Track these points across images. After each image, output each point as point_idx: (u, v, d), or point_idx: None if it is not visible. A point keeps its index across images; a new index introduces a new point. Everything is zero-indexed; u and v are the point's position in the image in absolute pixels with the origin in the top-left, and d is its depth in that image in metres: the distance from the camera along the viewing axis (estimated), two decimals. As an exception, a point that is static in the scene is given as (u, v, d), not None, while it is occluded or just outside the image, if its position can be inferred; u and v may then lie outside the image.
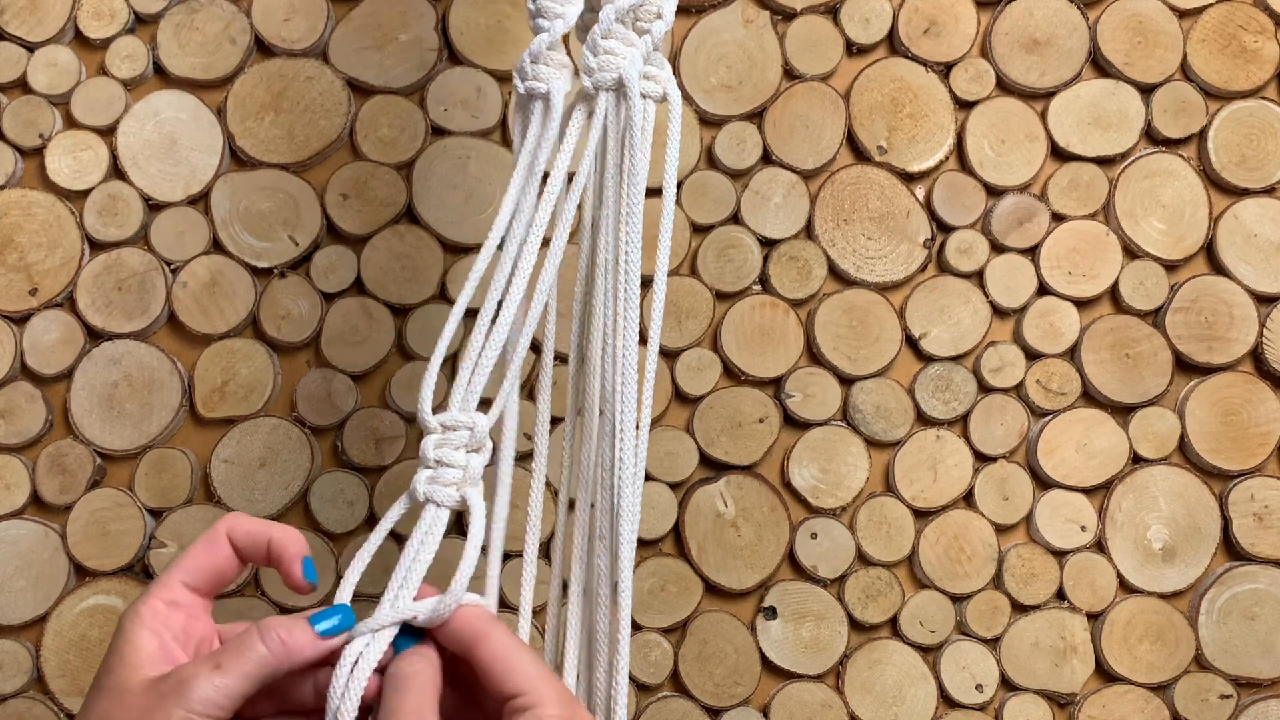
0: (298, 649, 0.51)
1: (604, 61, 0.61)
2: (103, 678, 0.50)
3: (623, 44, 0.62)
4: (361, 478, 0.93)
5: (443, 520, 0.56)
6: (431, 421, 0.57)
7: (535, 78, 0.62)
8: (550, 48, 0.62)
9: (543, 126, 0.62)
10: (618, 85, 0.62)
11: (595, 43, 0.61)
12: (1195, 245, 0.94)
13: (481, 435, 0.56)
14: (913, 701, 0.94)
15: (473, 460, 0.56)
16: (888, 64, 0.93)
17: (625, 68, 0.61)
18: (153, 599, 0.52)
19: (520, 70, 0.63)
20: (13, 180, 0.92)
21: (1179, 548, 0.94)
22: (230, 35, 0.93)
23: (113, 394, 0.92)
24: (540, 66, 0.62)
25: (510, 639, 0.52)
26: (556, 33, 0.62)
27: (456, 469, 0.55)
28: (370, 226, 0.92)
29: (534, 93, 0.62)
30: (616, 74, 0.61)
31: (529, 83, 0.62)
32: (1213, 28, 0.93)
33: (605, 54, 0.61)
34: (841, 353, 0.93)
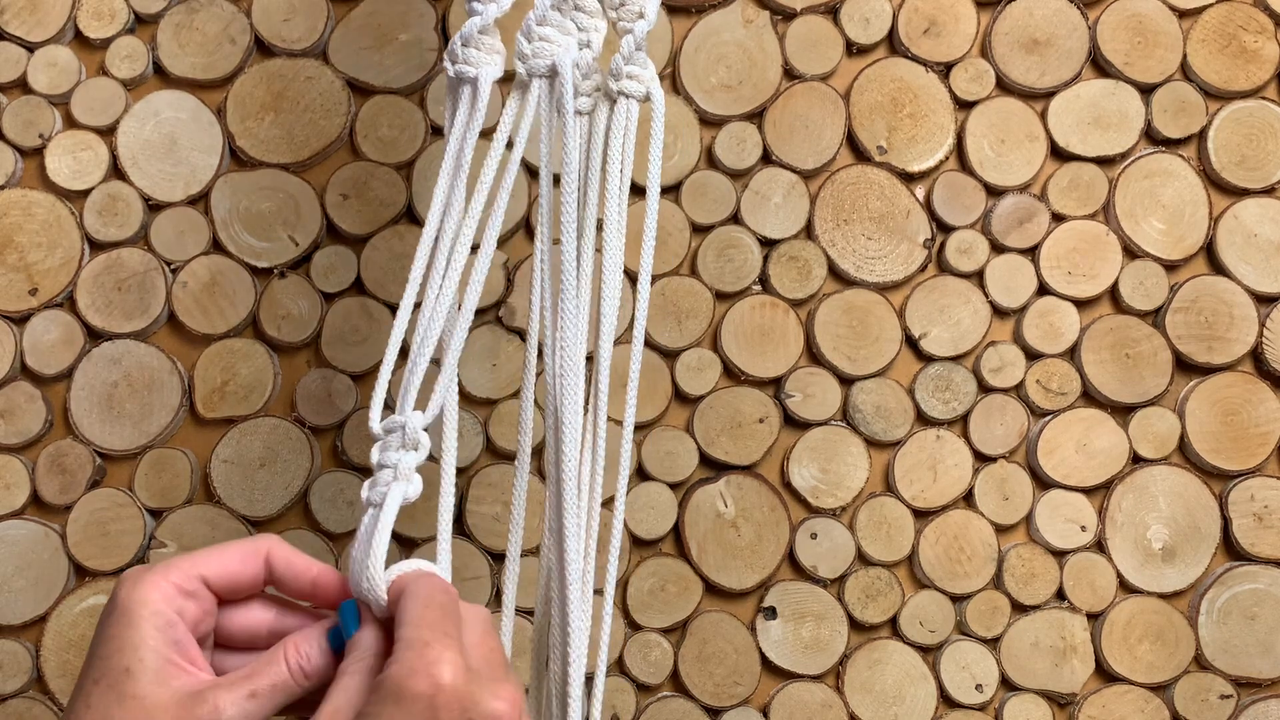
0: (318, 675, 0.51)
1: (538, 48, 0.61)
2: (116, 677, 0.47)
3: (558, 31, 0.61)
4: (361, 478, 0.93)
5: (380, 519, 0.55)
6: (377, 427, 0.57)
7: (465, 61, 0.62)
8: (482, 32, 0.62)
9: (470, 111, 0.62)
10: (551, 73, 0.61)
11: (529, 29, 0.61)
12: (1195, 245, 0.94)
13: (414, 432, 0.56)
14: (913, 701, 0.94)
15: (405, 457, 0.56)
16: (888, 64, 0.93)
17: (559, 55, 0.61)
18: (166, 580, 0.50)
19: (450, 53, 0.62)
20: (13, 180, 0.92)
21: (1179, 548, 0.94)
22: (230, 35, 0.93)
23: (113, 394, 0.92)
24: (471, 50, 0.62)
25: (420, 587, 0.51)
26: (489, 17, 0.61)
27: (389, 469, 0.56)
28: (370, 226, 0.92)
29: (463, 76, 0.62)
30: (550, 61, 0.61)
31: (458, 66, 0.62)
32: (1213, 28, 0.93)
33: (540, 40, 0.61)
34: (841, 353, 0.93)
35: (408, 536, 0.93)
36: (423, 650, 0.47)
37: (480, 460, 0.93)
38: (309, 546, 0.93)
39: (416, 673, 0.46)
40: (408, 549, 0.93)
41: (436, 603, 0.50)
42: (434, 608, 0.50)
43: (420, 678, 0.46)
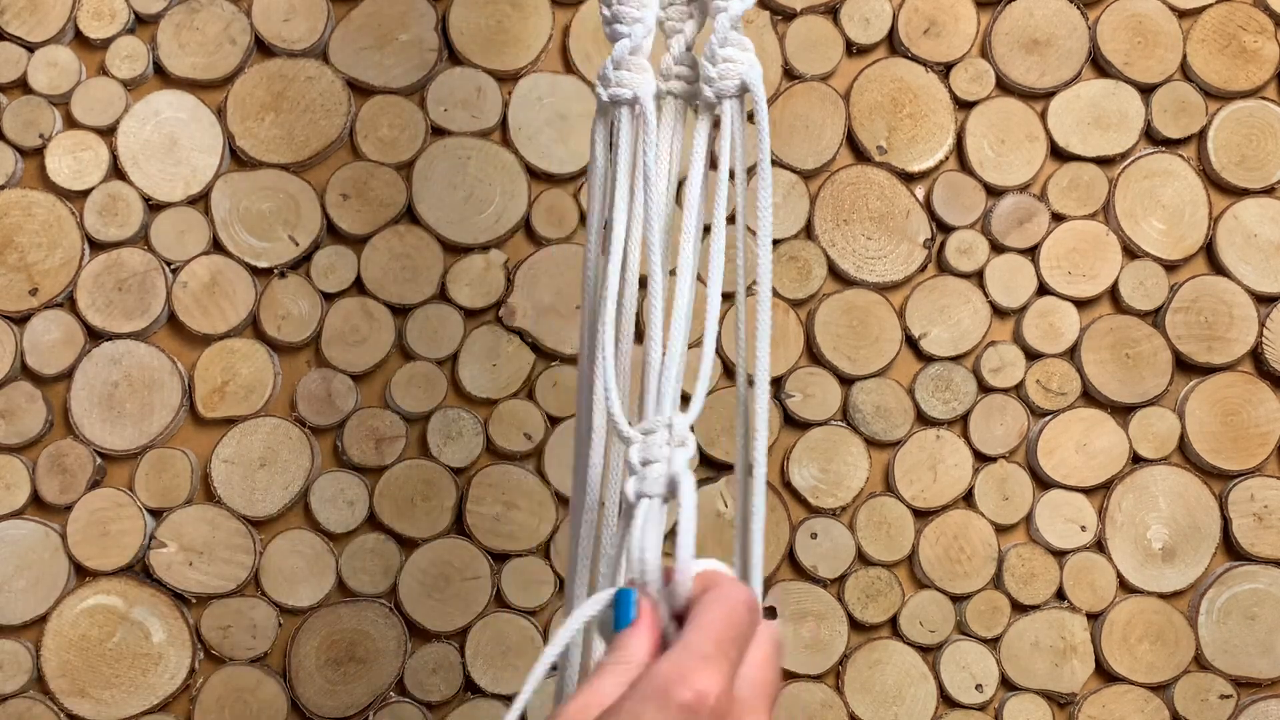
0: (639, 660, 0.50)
1: (724, 70, 0.62)
2: None
3: (739, 50, 0.62)
4: (361, 478, 0.93)
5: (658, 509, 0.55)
6: (631, 431, 0.57)
7: (619, 84, 0.62)
8: (633, 52, 0.62)
9: (635, 130, 0.62)
10: (740, 91, 0.62)
11: (714, 51, 0.62)
12: (1195, 245, 0.94)
13: (681, 432, 0.57)
14: (913, 701, 0.94)
15: (676, 453, 0.56)
16: (888, 64, 0.93)
17: (746, 73, 0.61)
18: None
19: (603, 78, 0.62)
20: (13, 180, 0.92)
21: (1179, 548, 0.94)
22: (230, 35, 0.93)
23: (113, 394, 0.92)
24: (624, 73, 0.62)
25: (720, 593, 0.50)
26: (638, 37, 0.62)
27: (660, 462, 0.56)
28: (370, 226, 0.92)
29: (618, 99, 0.62)
30: (739, 80, 0.62)
31: (613, 89, 0.62)
32: (1213, 28, 0.93)
33: (724, 62, 0.62)
34: (841, 353, 0.93)
35: (408, 537, 0.93)
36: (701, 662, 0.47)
37: (480, 460, 0.93)
38: (309, 546, 0.93)
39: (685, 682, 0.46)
40: (408, 549, 0.93)
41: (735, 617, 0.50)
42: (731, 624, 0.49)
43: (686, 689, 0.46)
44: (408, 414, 0.93)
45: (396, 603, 0.93)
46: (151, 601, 0.92)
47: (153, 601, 0.92)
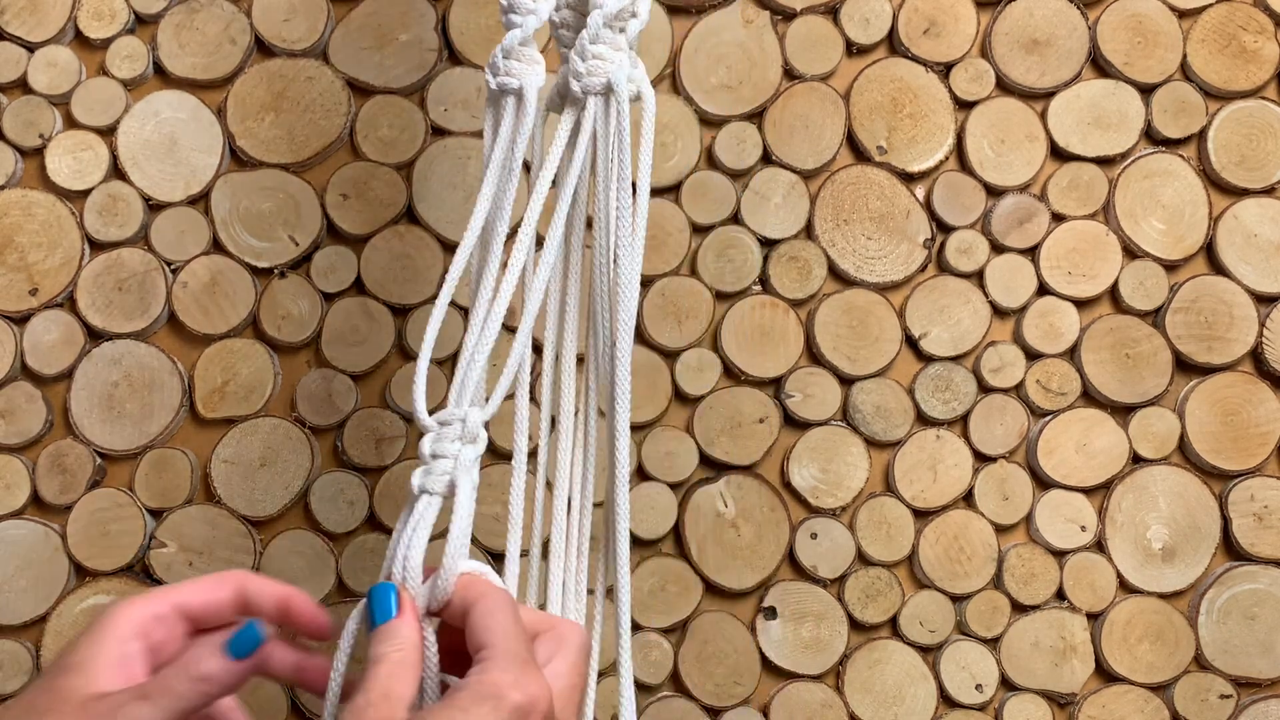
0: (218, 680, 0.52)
1: (593, 66, 0.62)
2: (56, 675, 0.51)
3: (611, 49, 0.62)
4: (361, 478, 0.93)
5: (434, 508, 0.56)
6: (428, 420, 0.57)
7: (507, 73, 0.63)
8: (523, 43, 0.62)
9: (516, 121, 0.62)
10: (606, 90, 0.62)
11: (584, 47, 0.62)
12: (1195, 245, 0.94)
13: (474, 426, 0.57)
14: (913, 701, 0.94)
15: (465, 450, 0.56)
16: (888, 64, 0.93)
17: (613, 72, 0.62)
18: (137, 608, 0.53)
19: (492, 66, 0.63)
20: (13, 180, 0.92)
21: (1179, 548, 0.94)
22: (230, 35, 0.93)
23: (113, 394, 0.92)
24: (513, 62, 0.63)
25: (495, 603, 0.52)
26: (529, 28, 0.62)
27: (448, 459, 0.56)
28: (370, 226, 0.92)
29: (506, 88, 0.63)
30: (605, 79, 0.62)
31: (501, 78, 0.63)
32: (1213, 28, 0.93)
33: (594, 59, 0.62)
34: (841, 353, 0.93)
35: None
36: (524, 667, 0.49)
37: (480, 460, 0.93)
38: (309, 546, 0.93)
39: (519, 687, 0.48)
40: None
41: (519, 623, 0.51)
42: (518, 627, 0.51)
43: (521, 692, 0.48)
44: (408, 414, 0.93)
45: (396, 603, 0.93)
46: (151, 601, 0.92)
47: (153, 601, 0.92)
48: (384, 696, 0.48)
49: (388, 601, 0.52)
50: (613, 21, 0.62)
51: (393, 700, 0.48)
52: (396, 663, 0.50)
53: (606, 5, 0.61)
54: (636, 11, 0.63)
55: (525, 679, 0.48)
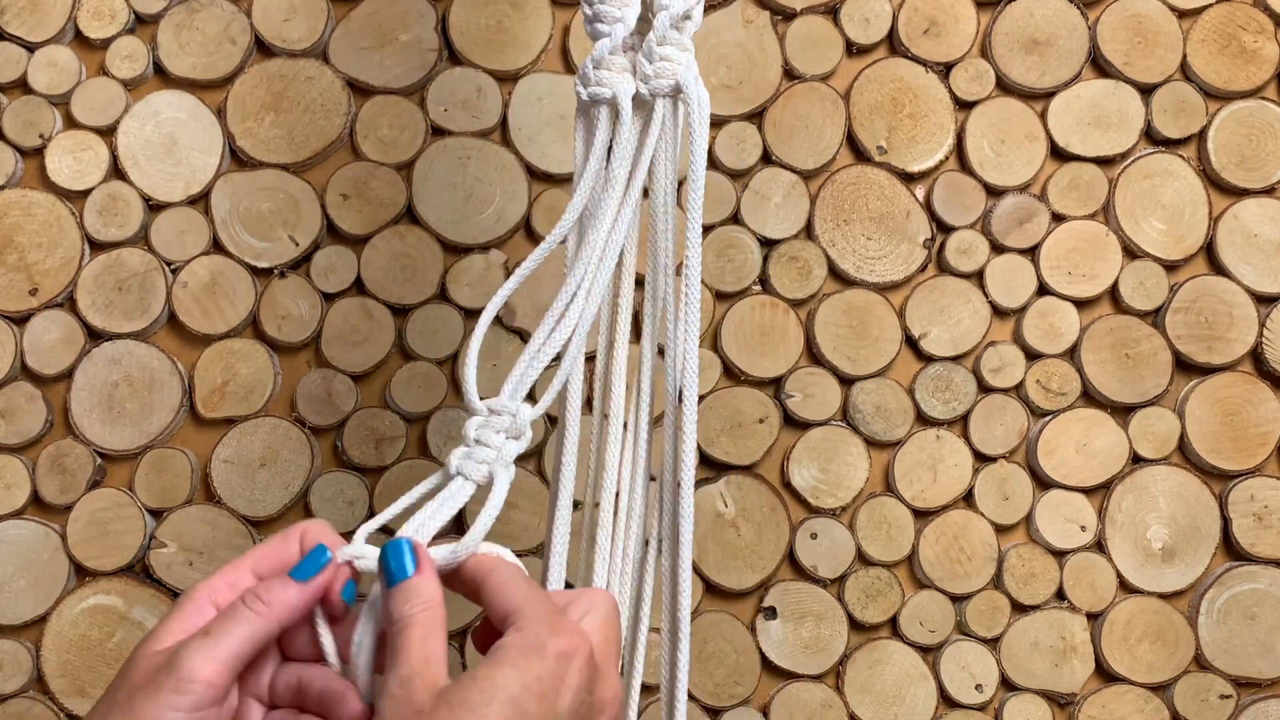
0: (281, 603, 0.51)
1: (660, 68, 0.62)
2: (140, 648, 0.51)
3: (677, 49, 0.62)
4: (361, 478, 0.93)
5: (466, 493, 0.56)
6: (479, 405, 0.57)
7: (599, 83, 0.62)
8: (612, 52, 0.62)
9: (612, 130, 0.62)
10: (675, 91, 0.62)
11: (651, 49, 0.62)
12: (1195, 245, 0.94)
13: (523, 423, 0.57)
14: (913, 701, 0.94)
15: (508, 444, 0.57)
16: (888, 64, 0.93)
17: (682, 74, 0.62)
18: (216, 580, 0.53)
19: (583, 76, 0.63)
20: (13, 180, 0.92)
21: (1179, 548, 0.94)
22: (230, 35, 0.93)
23: (113, 394, 0.92)
24: (604, 72, 0.62)
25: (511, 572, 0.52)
26: (618, 36, 0.62)
27: (491, 449, 0.56)
28: (370, 226, 0.92)
29: (598, 98, 0.62)
30: (673, 80, 0.62)
31: (593, 89, 0.62)
32: (1213, 28, 0.93)
33: (661, 60, 0.62)
34: (841, 353, 0.93)
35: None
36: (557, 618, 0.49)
37: (480, 460, 0.93)
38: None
39: (556, 634, 0.48)
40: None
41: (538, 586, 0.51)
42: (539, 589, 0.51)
43: (563, 638, 0.48)
44: (408, 414, 0.93)
45: (396, 603, 0.93)
46: (151, 601, 0.92)
47: (153, 601, 0.92)
48: (425, 662, 0.48)
49: (403, 558, 0.52)
50: (678, 23, 0.62)
51: (433, 664, 0.48)
52: (425, 623, 0.49)
53: (673, 6, 0.61)
54: (691, 14, 0.63)
55: (562, 628, 0.48)
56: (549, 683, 0.47)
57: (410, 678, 0.47)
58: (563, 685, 0.47)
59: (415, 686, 0.47)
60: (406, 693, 0.47)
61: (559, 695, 0.47)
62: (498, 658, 0.47)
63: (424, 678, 0.47)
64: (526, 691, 0.46)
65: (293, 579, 0.52)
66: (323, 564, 0.53)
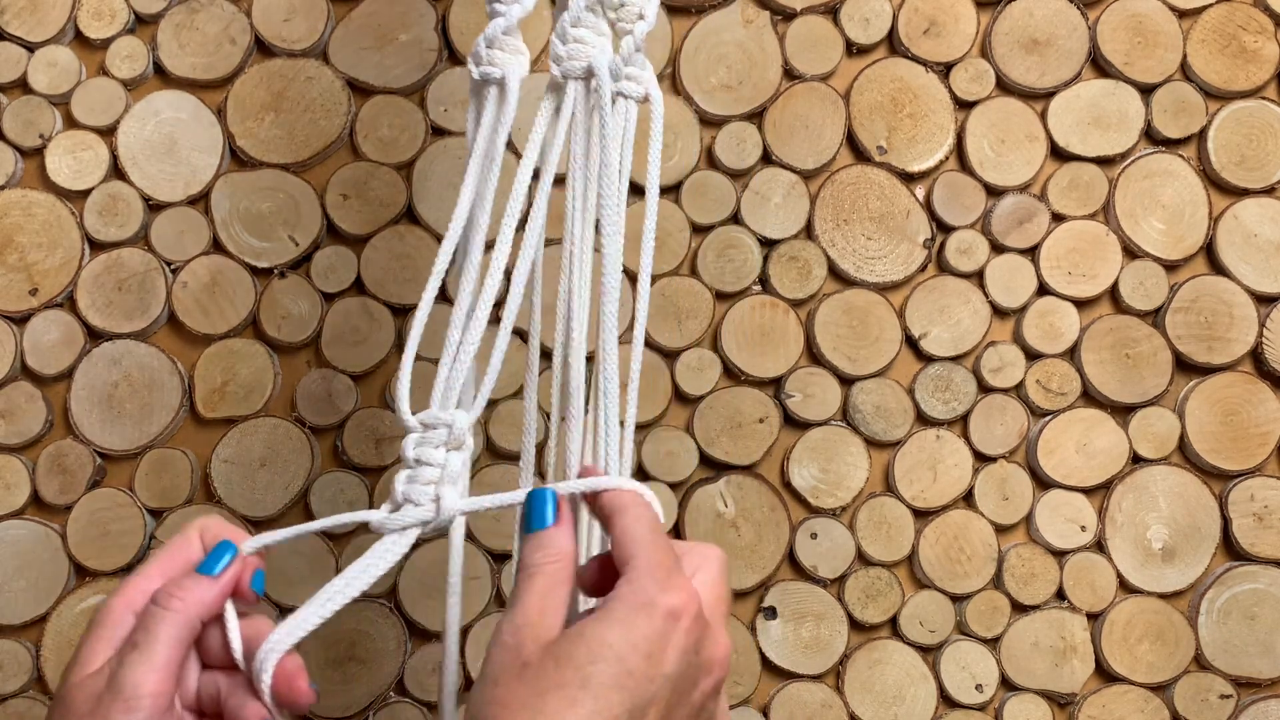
0: (195, 599, 0.51)
1: (573, 50, 0.61)
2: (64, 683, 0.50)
3: (593, 33, 0.61)
4: (361, 478, 0.93)
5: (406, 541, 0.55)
6: (411, 420, 0.56)
7: (490, 63, 0.61)
8: (506, 32, 0.61)
9: (498, 112, 0.61)
10: (587, 75, 0.61)
11: (564, 30, 0.61)
12: (1195, 245, 0.94)
13: (460, 432, 0.55)
14: (913, 701, 0.94)
15: (451, 458, 0.55)
16: (888, 64, 0.93)
17: (595, 57, 0.61)
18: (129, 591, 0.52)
19: (475, 55, 0.62)
20: (13, 180, 0.92)
21: (1179, 548, 0.94)
22: (230, 35, 0.93)
23: (113, 394, 0.92)
24: (495, 51, 0.62)
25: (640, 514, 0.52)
26: (513, 17, 0.61)
27: (434, 467, 0.55)
28: (370, 226, 0.92)
29: (488, 78, 0.62)
30: (586, 63, 0.61)
31: (484, 68, 0.62)
32: (1213, 28, 0.93)
33: (575, 42, 0.61)
34: (841, 353, 0.93)
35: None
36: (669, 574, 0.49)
37: (480, 460, 0.93)
38: (309, 547, 0.93)
39: (667, 592, 0.48)
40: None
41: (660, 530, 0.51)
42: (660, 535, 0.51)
43: (673, 595, 0.48)
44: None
45: (396, 603, 0.93)
46: (151, 601, 0.92)
47: (153, 601, 0.92)
48: (541, 613, 0.48)
49: (544, 508, 0.52)
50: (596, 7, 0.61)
51: (549, 615, 0.48)
52: (551, 575, 0.50)
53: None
54: (644, 14, 0.62)
55: (673, 585, 0.48)
56: (656, 642, 0.47)
57: (523, 626, 0.47)
58: (669, 644, 0.47)
59: (525, 636, 0.47)
60: (517, 640, 0.47)
61: (665, 655, 0.47)
62: (608, 613, 0.47)
63: (537, 628, 0.47)
64: (634, 650, 0.46)
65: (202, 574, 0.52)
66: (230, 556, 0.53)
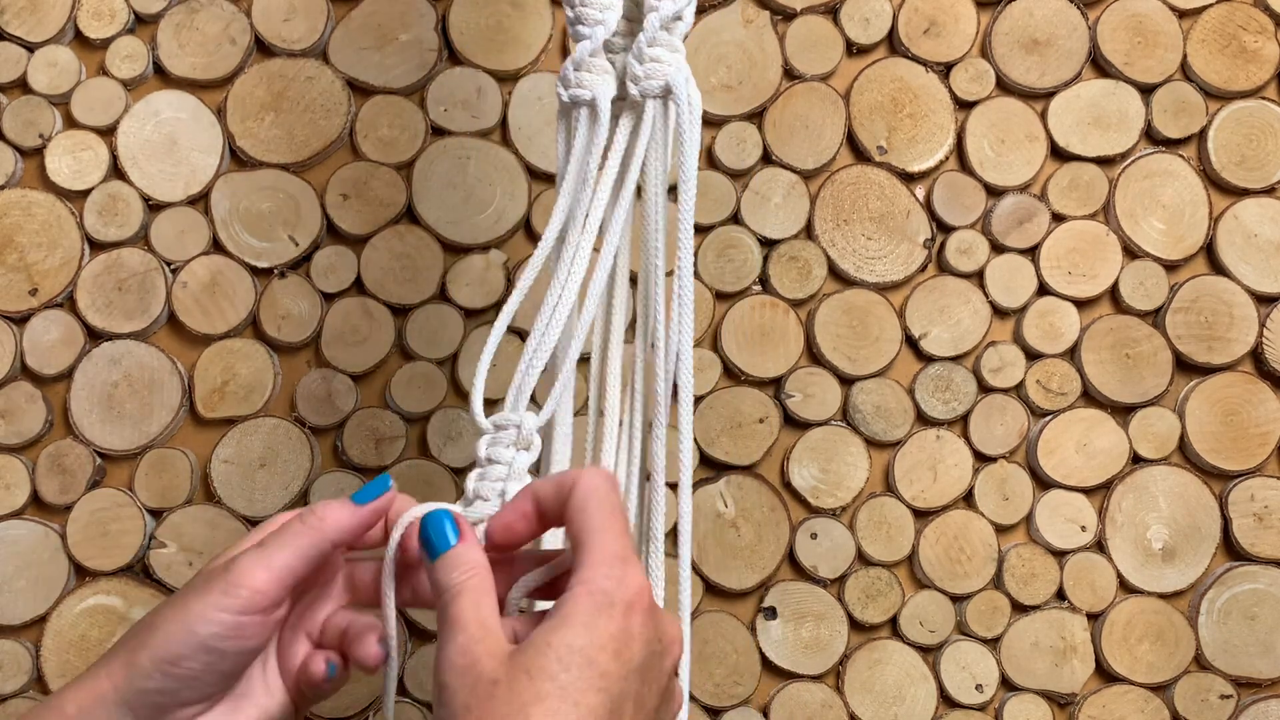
0: (335, 521, 0.52)
1: (650, 69, 0.62)
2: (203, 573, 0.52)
3: (667, 50, 0.62)
4: (361, 478, 0.93)
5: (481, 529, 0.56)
6: (485, 422, 0.58)
7: (579, 85, 0.62)
8: (593, 54, 0.62)
9: (590, 133, 0.62)
10: (664, 92, 0.62)
11: (641, 50, 0.62)
12: (1195, 245, 0.94)
13: (529, 433, 0.58)
14: (913, 701, 0.94)
15: (519, 457, 0.57)
16: (888, 64, 0.93)
17: (672, 75, 0.62)
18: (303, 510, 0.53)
19: (564, 79, 0.63)
20: (13, 180, 0.92)
21: (1179, 548, 0.94)
22: (230, 35, 0.93)
23: (113, 394, 0.92)
24: (584, 74, 0.62)
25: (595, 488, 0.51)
26: (598, 39, 0.62)
27: (503, 465, 0.57)
28: (370, 226, 0.92)
29: (578, 100, 0.63)
30: (664, 81, 0.62)
31: (573, 90, 0.62)
32: (1213, 28, 0.93)
33: (651, 61, 0.62)
34: (841, 353, 0.93)
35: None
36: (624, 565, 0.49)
37: (480, 460, 0.93)
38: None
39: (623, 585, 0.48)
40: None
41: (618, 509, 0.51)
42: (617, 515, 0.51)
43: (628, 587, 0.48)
44: (408, 414, 0.93)
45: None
46: (151, 602, 0.92)
47: (153, 602, 0.92)
48: (482, 628, 0.48)
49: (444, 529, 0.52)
50: (669, 24, 0.62)
51: (490, 629, 0.48)
52: (475, 589, 0.50)
53: (663, 7, 0.61)
54: (683, 15, 0.63)
55: (628, 577, 0.48)
56: (620, 638, 0.47)
57: (470, 645, 0.47)
58: (633, 638, 0.47)
59: (478, 653, 0.47)
60: (470, 661, 0.47)
61: (631, 648, 0.47)
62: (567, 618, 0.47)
63: (485, 644, 0.47)
64: (602, 650, 0.46)
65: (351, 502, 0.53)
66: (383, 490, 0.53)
